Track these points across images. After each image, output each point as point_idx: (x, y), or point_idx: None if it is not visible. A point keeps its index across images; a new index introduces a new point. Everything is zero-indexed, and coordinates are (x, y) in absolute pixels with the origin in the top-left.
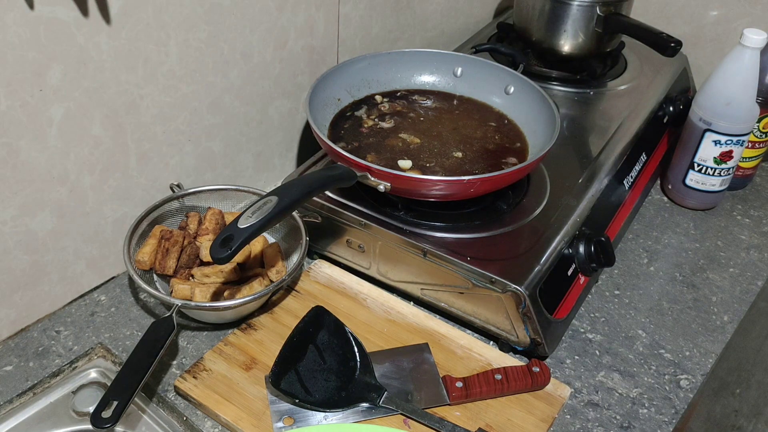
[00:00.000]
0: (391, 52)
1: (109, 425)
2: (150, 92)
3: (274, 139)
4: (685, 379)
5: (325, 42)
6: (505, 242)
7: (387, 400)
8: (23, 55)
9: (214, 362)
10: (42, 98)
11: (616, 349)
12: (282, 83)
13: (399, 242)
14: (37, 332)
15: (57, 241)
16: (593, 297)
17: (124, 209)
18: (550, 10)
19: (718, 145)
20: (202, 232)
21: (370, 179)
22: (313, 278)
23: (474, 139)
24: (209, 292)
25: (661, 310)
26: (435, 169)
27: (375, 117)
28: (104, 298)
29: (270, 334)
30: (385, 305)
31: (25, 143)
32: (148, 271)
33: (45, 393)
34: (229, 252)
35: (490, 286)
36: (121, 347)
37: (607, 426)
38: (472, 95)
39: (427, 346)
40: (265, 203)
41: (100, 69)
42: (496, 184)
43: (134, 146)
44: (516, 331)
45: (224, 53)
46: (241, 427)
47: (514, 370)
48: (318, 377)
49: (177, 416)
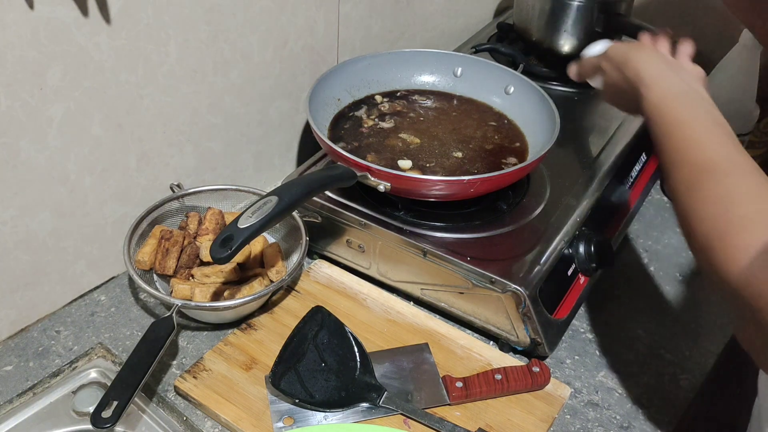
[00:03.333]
0: (391, 52)
1: (109, 425)
2: (150, 92)
3: (274, 139)
4: (684, 379)
5: (325, 42)
6: (505, 242)
7: (387, 400)
8: (23, 55)
9: (214, 362)
10: (42, 98)
11: (616, 349)
12: (282, 83)
13: (399, 242)
14: (37, 332)
15: (57, 241)
16: (593, 297)
17: (124, 209)
18: (550, 10)
19: None
20: (202, 232)
21: (370, 179)
22: (313, 278)
23: (474, 139)
24: (209, 292)
25: (661, 310)
26: (435, 169)
27: (375, 117)
28: (104, 298)
29: (270, 334)
30: (385, 305)
31: (25, 143)
32: (148, 271)
33: (45, 393)
34: (229, 252)
35: (490, 286)
36: (121, 347)
37: (607, 426)
38: (472, 95)
39: (427, 346)
40: (265, 203)
41: (100, 69)
42: (496, 184)
43: (134, 146)
44: (516, 331)
45: (224, 53)
46: (241, 427)
47: (514, 370)
48: (318, 377)
49: (177, 416)
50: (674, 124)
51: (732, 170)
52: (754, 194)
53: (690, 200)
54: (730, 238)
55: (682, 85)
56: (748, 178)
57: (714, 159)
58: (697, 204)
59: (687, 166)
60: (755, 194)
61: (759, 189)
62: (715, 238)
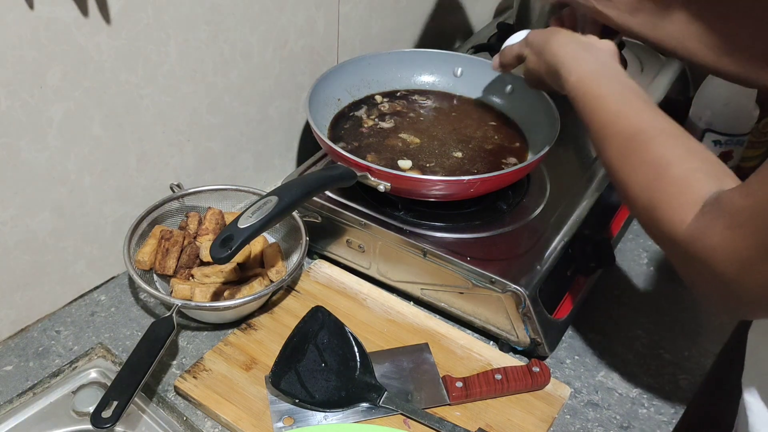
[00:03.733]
0: (391, 52)
1: (109, 425)
2: (150, 92)
3: (274, 139)
4: (684, 379)
5: (325, 42)
6: (505, 242)
7: (387, 400)
8: (23, 55)
9: (214, 362)
10: (42, 98)
11: (616, 349)
12: (282, 83)
13: (399, 242)
14: (37, 332)
15: (57, 241)
16: (593, 297)
17: (124, 209)
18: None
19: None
20: (202, 232)
21: (370, 179)
22: (313, 278)
23: (474, 139)
24: (209, 292)
25: (660, 310)
26: (435, 169)
27: (375, 117)
28: (104, 298)
29: (270, 334)
30: (385, 305)
31: (25, 143)
32: (148, 271)
33: (45, 393)
34: (229, 252)
35: (490, 286)
36: (121, 347)
37: (607, 426)
38: (472, 95)
39: (427, 346)
40: (265, 203)
41: (100, 69)
42: (496, 184)
43: (134, 146)
44: (516, 331)
45: (224, 53)
46: (241, 427)
47: (514, 370)
48: (318, 377)
49: (177, 416)
50: (596, 100)
51: (657, 134)
52: (684, 154)
53: (624, 169)
54: (671, 199)
55: (596, 63)
56: (675, 140)
57: (639, 126)
58: (631, 172)
59: (615, 137)
60: (685, 154)
61: (688, 148)
62: (657, 201)
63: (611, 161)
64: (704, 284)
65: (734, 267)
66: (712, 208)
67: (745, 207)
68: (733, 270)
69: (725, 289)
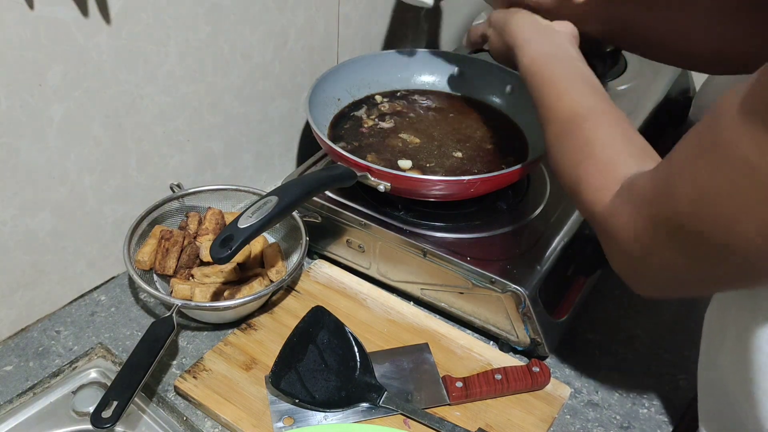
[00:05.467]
0: (391, 52)
1: (109, 425)
2: (150, 92)
3: (274, 139)
4: (684, 379)
5: (325, 42)
6: (505, 242)
7: (387, 400)
8: (23, 55)
9: (214, 362)
10: (42, 98)
11: (616, 349)
12: (282, 83)
13: (399, 242)
14: (37, 332)
15: (57, 241)
16: (593, 297)
17: (124, 209)
18: None
19: None
20: (202, 232)
21: (370, 179)
22: (313, 278)
23: (474, 138)
24: (209, 292)
25: (660, 310)
26: (435, 169)
27: (375, 117)
28: (104, 298)
29: (270, 334)
30: (385, 305)
31: (25, 143)
32: (148, 271)
33: (45, 393)
34: (229, 252)
35: (490, 286)
36: (121, 347)
37: (607, 426)
38: (472, 95)
39: (427, 346)
40: (265, 203)
41: (100, 69)
42: (496, 184)
43: (134, 146)
44: (516, 331)
45: (224, 53)
46: (241, 427)
47: (514, 370)
48: (318, 377)
49: (177, 416)
50: (544, 82)
51: (591, 119)
52: (609, 140)
53: (559, 151)
54: (592, 180)
55: (551, 47)
56: (608, 124)
57: (576, 110)
58: (564, 154)
59: (556, 121)
60: (610, 140)
61: (614, 134)
62: (581, 181)
63: (549, 142)
64: (615, 261)
65: (637, 248)
66: (623, 190)
67: (648, 190)
68: (636, 250)
69: (631, 268)
